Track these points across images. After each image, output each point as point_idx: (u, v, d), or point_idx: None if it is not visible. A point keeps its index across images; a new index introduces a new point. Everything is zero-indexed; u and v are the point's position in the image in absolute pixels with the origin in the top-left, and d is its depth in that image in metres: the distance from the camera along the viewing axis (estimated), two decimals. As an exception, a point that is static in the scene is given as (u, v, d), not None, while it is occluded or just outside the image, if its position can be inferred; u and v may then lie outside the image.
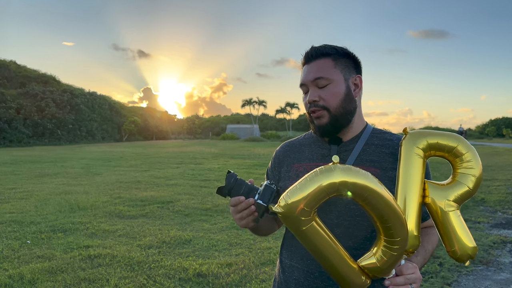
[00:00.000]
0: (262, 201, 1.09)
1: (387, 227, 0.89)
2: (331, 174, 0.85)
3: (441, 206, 0.99)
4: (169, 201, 7.18)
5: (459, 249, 0.99)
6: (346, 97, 1.19)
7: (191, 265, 3.93)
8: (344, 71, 1.19)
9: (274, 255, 4.19)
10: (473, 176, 1.00)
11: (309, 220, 0.88)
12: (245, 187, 1.10)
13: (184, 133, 63.53)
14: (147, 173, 11.49)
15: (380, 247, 0.93)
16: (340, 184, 0.85)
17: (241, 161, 15.62)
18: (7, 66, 42.28)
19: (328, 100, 1.17)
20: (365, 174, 0.88)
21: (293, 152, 1.31)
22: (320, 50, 1.20)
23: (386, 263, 0.93)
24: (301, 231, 0.90)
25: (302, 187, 0.86)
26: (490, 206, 6.81)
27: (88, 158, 17.28)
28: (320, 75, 1.17)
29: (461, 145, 1.01)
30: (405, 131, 1.08)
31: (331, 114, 1.17)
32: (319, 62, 1.19)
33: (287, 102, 65.30)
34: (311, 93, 1.18)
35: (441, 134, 1.03)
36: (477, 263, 4.07)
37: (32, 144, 34.14)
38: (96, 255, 4.21)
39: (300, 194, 0.86)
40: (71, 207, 6.62)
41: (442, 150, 1.02)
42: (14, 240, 4.76)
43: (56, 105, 39.79)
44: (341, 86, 1.18)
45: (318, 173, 0.86)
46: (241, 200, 1.10)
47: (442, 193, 1.00)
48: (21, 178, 10.57)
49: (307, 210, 0.87)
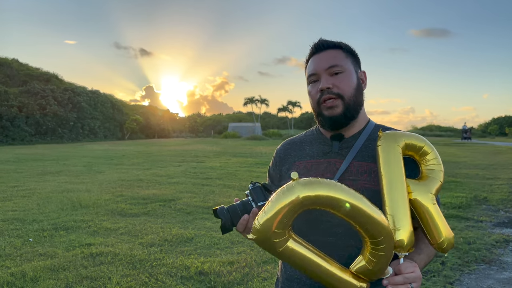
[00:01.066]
0: (261, 201, 1.09)
1: (366, 229, 0.89)
2: (292, 191, 0.86)
3: (427, 201, 1.02)
4: (171, 199, 7.18)
5: (444, 240, 1.02)
6: (358, 88, 1.19)
7: (193, 263, 3.93)
8: (354, 64, 1.20)
9: (276, 254, 4.18)
10: (441, 172, 1.07)
11: (284, 241, 0.90)
12: (238, 207, 1.10)
13: (186, 132, 63.55)
14: (149, 171, 11.50)
15: (368, 250, 0.93)
16: (303, 199, 0.86)
17: (243, 159, 15.62)
18: (9, 64, 42.37)
19: (342, 87, 1.15)
20: (328, 183, 0.87)
21: (294, 149, 1.30)
22: (331, 41, 1.20)
23: (377, 264, 0.93)
24: (279, 253, 0.92)
25: (268, 210, 0.87)
26: (493, 205, 6.79)
27: (90, 156, 17.30)
28: (336, 63, 1.16)
29: (427, 144, 1.09)
30: (380, 133, 1.11)
31: (345, 102, 1.15)
32: (331, 52, 1.18)
33: (289, 101, 65.33)
34: (324, 80, 1.16)
35: (412, 135, 1.10)
36: (479, 262, 4.06)
37: (34, 142, 34.23)
38: (98, 253, 4.22)
39: (268, 217, 0.87)
40: (73, 205, 6.63)
41: (413, 150, 1.08)
42: (16, 238, 4.77)
43: (58, 103, 39.85)
44: (354, 76, 1.18)
45: (280, 193, 0.88)
46: (246, 218, 1.09)
47: (424, 188, 1.04)
48: (24, 176, 10.59)
49: (280, 231, 0.88)
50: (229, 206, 1.10)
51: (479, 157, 16.04)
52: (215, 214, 1.09)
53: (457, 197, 7.10)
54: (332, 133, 1.21)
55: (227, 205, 1.11)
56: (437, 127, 55.35)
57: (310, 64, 1.21)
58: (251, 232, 0.91)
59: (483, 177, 10.02)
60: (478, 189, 8.19)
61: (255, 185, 1.11)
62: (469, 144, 26.92)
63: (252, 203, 1.10)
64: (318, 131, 1.29)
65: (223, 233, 1.11)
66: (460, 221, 5.63)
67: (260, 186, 1.11)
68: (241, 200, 1.11)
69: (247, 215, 1.09)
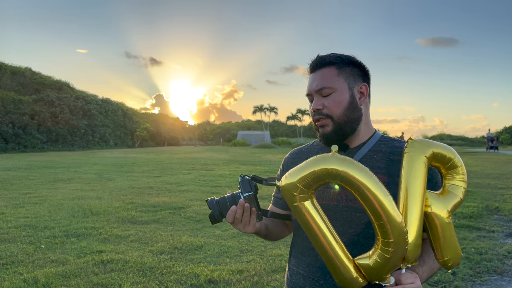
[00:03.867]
0: (247, 192, 1.14)
1: (380, 225, 0.91)
2: (326, 161, 0.94)
3: (443, 217, 0.99)
4: (180, 207, 7.22)
5: (450, 259, 1.01)
6: (350, 106, 1.19)
7: (203, 271, 3.94)
8: (348, 80, 1.20)
9: (286, 262, 4.18)
10: (464, 188, 1.03)
11: (303, 198, 0.97)
12: (228, 199, 1.16)
13: (195, 139, 63.80)
14: (159, 179, 11.57)
15: (377, 249, 0.94)
16: (331, 170, 0.92)
17: (252, 167, 15.64)
18: (22, 73, 43.01)
19: (331, 108, 1.18)
20: (360, 167, 0.93)
21: (301, 159, 1.32)
22: (325, 59, 1.21)
23: (380, 266, 0.94)
24: (294, 206, 0.98)
25: (299, 169, 0.97)
26: (505, 215, 6.71)
27: (101, 164, 17.45)
28: (323, 85, 1.19)
29: (457, 158, 1.03)
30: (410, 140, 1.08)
31: (334, 122, 1.18)
32: (323, 71, 1.20)
33: (298, 109, 65.16)
34: (315, 101, 1.21)
35: (442, 145, 1.04)
36: (491, 272, 4.01)
37: (46, 149, 34.61)
38: (108, 260, 4.25)
39: (297, 174, 0.96)
40: (84, 212, 6.69)
41: (441, 161, 1.03)
42: (28, 245, 4.83)
43: (70, 111, 40.31)
44: (345, 94, 1.19)
45: (316, 159, 0.96)
46: (234, 209, 1.14)
47: (442, 204, 1.01)
48: (36, 183, 10.72)
49: (303, 188, 0.96)
50: (219, 198, 1.16)
51: (491, 166, 15.86)
52: (207, 201, 1.17)
53: (468, 207, 7.02)
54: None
55: (218, 197, 1.17)
56: (448, 136, 54.76)
57: (308, 82, 1.25)
58: (280, 181, 1.00)
59: (494, 187, 9.91)
60: (489, 199, 8.10)
61: (244, 178, 1.16)
62: (480, 153, 26.50)
63: (241, 194, 1.15)
64: None
65: (212, 223, 1.18)
66: (472, 231, 5.57)
67: (248, 179, 1.16)
68: (232, 193, 1.17)
69: (235, 206, 1.14)
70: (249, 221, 1.16)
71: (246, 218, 1.16)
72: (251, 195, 1.14)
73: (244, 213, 1.15)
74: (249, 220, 1.16)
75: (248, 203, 1.14)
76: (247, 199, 1.14)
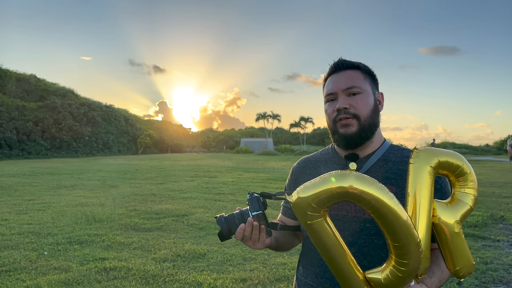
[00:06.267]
0: (255, 211, 1.13)
1: (397, 246, 0.88)
2: (343, 179, 0.87)
3: (451, 226, 0.97)
4: (183, 214, 7.20)
5: (461, 269, 0.99)
6: (375, 109, 1.20)
7: (206, 280, 3.92)
8: (371, 85, 1.22)
9: (289, 271, 4.15)
10: (474, 196, 1.00)
11: (316, 217, 0.91)
12: (236, 216, 1.15)
13: (198, 146, 63.85)
14: (162, 186, 11.56)
15: (389, 266, 0.92)
16: (349, 189, 0.86)
17: (255, 174, 15.61)
18: (27, 80, 43.30)
19: (359, 108, 1.16)
20: (379, 186, 0.87)
21: (309, 168, 1.31)
22: (350, 62, 1.22)
23: (392, 283, 0.92)
24: (307, 225, 0.93)
25: (314, 185, 0.89)
26: (510, 224, 6.66)
27: (104, 171, 17.47)
28: (354, 84, 1.18)
29: (466, 165, 1.00)
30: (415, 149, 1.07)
31: (360, 123, 1.16)
32: (349, 73, 1.20)
33: (301, 116, 65.31)
34: (341, 100, 1.17)
35: (449, 152, 1.01)
36: (497, 282, 3.97)
37: (50, 156, 34.73)
38: (111, 268, 4.24)
39: (311, 191, 0.89)
40: (87, 219, 6.68)
41: (448, 169, 1.01)
42: (31, 251, 4.83)
43: (74, 118, 40.50)
44: (371, 97, 1.19)
45: (333, 175, 0.89)
46: (243, 227, 1.13)
47: (451, 213, 0.98)
48: (39, 189, 10.74)
49: (315, 207, 0.89)
50: (228, 215, 1.15)
51: (495, 175, 15.76)
52: (216, 218, 1.16)
53: (473, 216, 6.97)
54: (347, 152, 1.22)
55: (227, 214, 1.16)
56: (451, 144, 54.53)
57: (328, 82, 1.23)
58: (291, 196, 0.93)
59: (499, 195, 9.84)
60: (494, 208, 8.04)
61: (252, 195, 1.15)
62: (484, 161, 26.21)
63: (249, 212, 1.14)
64: (333, 150, 1.30)
65: (221, 241, 1.16)
66: (477, 240, 5.52)
67: (257, 196, 1.15)
68: (241, 210, 1.16)
69: (243, 224, 1.13)
70: (258, 238, 1.15)
71: (255, 236, 1.14)
72: (259, 214, 1.13)
73: (253, 231, 1.14)
74: (258, 237, 1.15)
75: (257, 221, 1.13)
76: (256, 217, 1.13)
